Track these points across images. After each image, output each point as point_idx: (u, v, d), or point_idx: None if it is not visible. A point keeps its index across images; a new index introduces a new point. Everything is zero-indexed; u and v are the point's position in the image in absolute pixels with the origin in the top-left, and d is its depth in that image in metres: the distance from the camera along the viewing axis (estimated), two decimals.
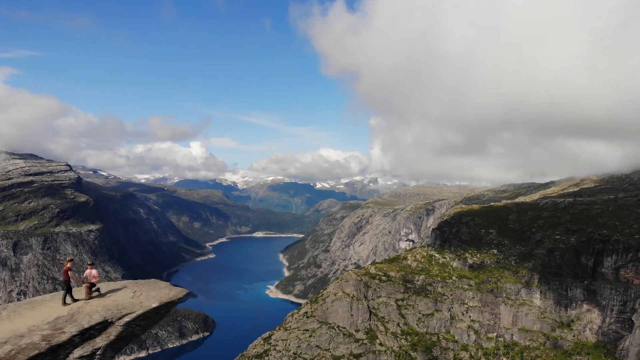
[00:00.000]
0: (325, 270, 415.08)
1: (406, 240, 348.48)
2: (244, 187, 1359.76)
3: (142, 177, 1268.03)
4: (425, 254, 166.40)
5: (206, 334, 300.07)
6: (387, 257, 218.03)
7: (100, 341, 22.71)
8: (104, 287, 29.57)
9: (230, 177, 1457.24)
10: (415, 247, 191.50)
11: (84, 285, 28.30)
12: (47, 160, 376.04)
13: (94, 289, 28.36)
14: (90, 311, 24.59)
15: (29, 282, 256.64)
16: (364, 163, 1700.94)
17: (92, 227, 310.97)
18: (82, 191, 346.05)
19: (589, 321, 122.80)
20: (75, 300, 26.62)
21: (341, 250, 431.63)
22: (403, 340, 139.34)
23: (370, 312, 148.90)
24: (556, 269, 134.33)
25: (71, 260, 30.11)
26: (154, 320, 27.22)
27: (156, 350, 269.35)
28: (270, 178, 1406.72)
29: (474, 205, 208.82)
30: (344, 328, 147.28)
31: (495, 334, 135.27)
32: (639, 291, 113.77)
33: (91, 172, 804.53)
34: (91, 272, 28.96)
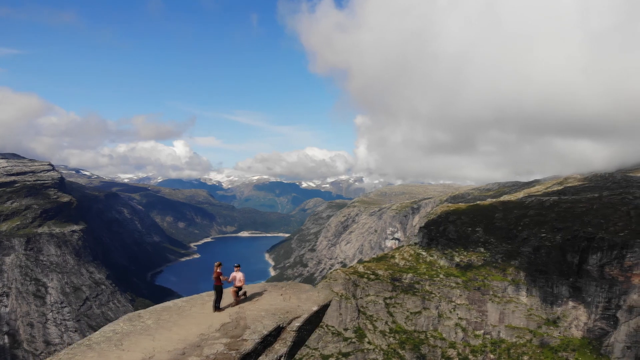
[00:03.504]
0: (312, 269, 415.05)
1: (392, 239, 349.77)
2: (229, 186, 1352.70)
3: (126, 177, 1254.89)
4: (412, 252, 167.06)
5: None
6: (373, 256, 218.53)
7: (279, 348, 22.19)
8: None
9: (215, 177, 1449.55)
10: (403, 246, 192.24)
11: (231, 289, 27.79)
12: (30, 159, 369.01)
13: (240, 292, 27.91)
14: (256, 316, 24.21)
15: (12, 284, 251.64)
16: (350, 162, 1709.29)
17: (76, 227, 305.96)
18: (65, 191, 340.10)
19: (575, 318, 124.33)
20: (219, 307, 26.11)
21: (327, 249, 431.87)
22: (391, 339, 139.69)
23: (359, 310, 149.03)
24: (542, 266, 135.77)
25: (220, 264, 29.12)
26: (316, 324, 26.86)
27: None
28: (256, 177, 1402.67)
29: (460, 204, 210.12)
30: (333, 327, 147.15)
31: (482, 331, 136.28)
32: (624, 288, 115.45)
33: (74, 171, 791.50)
34: (237, 275, 28.33)
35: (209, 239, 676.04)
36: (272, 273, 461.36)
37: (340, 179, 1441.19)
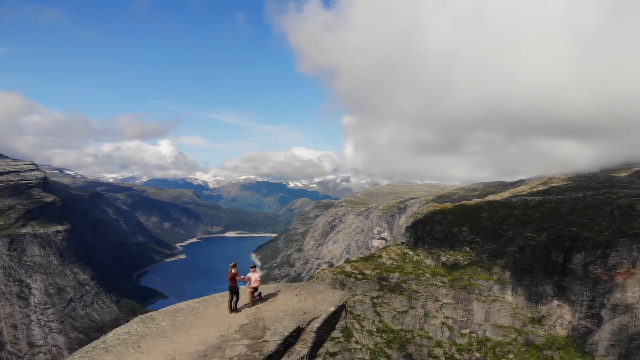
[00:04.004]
0: (299, 269, 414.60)
1: (379, 239, 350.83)
2: (215, 186, 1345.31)
3: (110, 177, 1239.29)
4: (399, 251, 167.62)
5: None
6: (360, 256, 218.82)
7: (300, 349, 22.07)
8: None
9: (201, 176, 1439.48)
10: (390, 245, 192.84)
11: (247, 290, 27.57)
12: (13, 159, 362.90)
13: (255, 293, 27.78)
14: (274, 317, 24.11)
15: None
16: (337, 162, 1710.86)
17: (60, 227, 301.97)
18: (48, 191, 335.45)
19: (560, 316, 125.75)
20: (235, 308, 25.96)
21: (315, 249, 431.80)
22: (378, 338, 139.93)
23: (346, 310, 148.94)
24: (527, 265, 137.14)
25: (235, 265, 28.92)
26: (333, 325, 26.88)
27: None
28: (243, 177, 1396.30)
29: (446, 203, 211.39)
30: None
31: (468, 330, 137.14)
32: (608, 287, 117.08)
33: (58, 171, 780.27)
34: (253, 276, 28.18)
35: (194, 239, 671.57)
36: (259, 273, 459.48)
37: (327, 179, 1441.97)
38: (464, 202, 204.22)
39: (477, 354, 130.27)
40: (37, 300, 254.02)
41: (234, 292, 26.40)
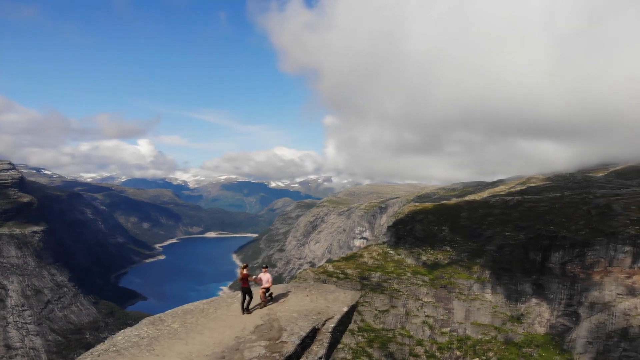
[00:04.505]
0: (280, 269, 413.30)
1: (360, 238, 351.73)
2: (196, 186, 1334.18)
3: (88, 176, 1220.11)
4: (381, 251, 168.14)
5: None
6: (342, 255, 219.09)
7: (318, 349, 21.95)
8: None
9: (180, 176, 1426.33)
10: (371, 245, 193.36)
11: (260, 290, 27.32)
12: None
13: (267, 294, 27.57)
14: (288, 318, 24.05)
15: None
16: (319, 162, 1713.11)
17: (37, 228, 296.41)
18: (25, 191, 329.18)
19: (538, 314, 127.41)
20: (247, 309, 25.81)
21: (296, 249, 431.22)
22: (360, 337, 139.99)
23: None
24: (506, 264, 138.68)
25: (247, 266, 28.55)
26: (346, 325, 26.84)
27: None
28: (224, 177, 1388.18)
29: (426, 203, 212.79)
30: None
31: (449, 328, 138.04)
32: (585, 285, 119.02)
33: (34, 170, 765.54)
34: (265, 276, 27.84)
35: (174, 240, 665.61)
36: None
37: (309, 178, 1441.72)
38: (444, 201, 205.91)
39: (458, 352, 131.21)
40: (14, 302, 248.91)
41: (247, 293, 26.21)
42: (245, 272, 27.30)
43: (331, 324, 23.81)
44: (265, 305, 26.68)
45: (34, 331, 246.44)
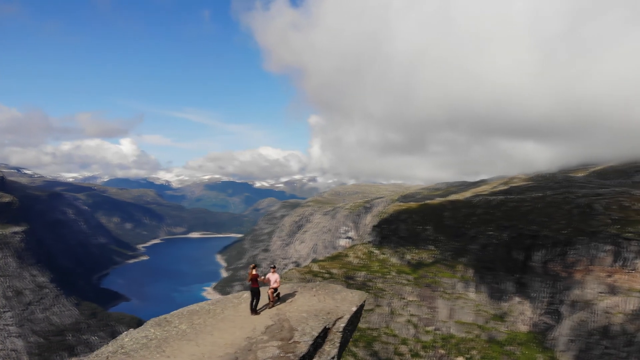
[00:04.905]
0: (265, 270, 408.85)
1: (345, 238, 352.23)
2: (179, 186, 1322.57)
3: (70, 176, 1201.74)
4: (366, 250, 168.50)
5: None
6: (327, 255, 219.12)
7: (330, 349, 21.86)
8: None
9: (163, 176, 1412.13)
10: (356, 244, 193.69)
11: (268, 290, 27.11)
12: None
13: (275, 294, 27.37)
14: (298, 318, 23.94)
15: None
16: (304, 162, 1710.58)
17: (17, 228, 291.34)
18: (5, 191, 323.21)
19: (521, 313, 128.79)
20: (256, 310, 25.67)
21: (281, 249, 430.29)
22: None
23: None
24: (489, 263, 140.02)
25: (255, 266, 28.12)
26: (355, 325, 26.79)
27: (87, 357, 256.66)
28: (207, 177, 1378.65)
29: (411, 203, 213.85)
30: None
31: (433, 327, 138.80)
32: (567, 284, 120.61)
33: (15, 170, 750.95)
34: (274, 277, 27.58)
35: (157, 240, 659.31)
36: (224, 274, 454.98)
37: (294, 178, 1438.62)
38: (427, 201, 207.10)
39: (441, 351, 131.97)
40: None
41: (256, 294, 26.06)
42: (254, 272, 27.12)
43: (342, 324, 23.84)
44: (273, 306, 26.63)
45: (15, 333, 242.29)
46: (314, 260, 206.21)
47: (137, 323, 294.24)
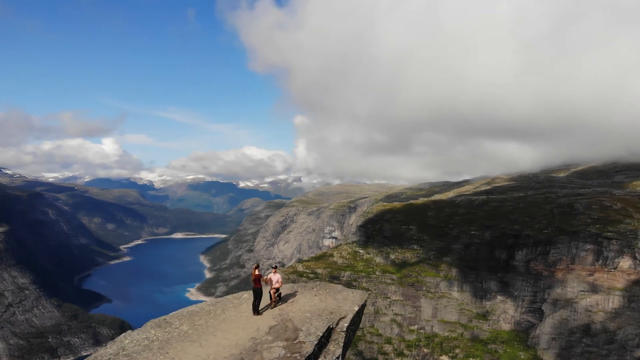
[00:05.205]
0: (249, 270, 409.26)
1: (330, 238, 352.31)
2: (162, 186, 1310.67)
3: (51, 176, 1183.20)
4: (350, 250, 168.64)
5: None
6: (311, 255, 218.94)
7: (334, 349, 21.79)
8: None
9: (146, 176, 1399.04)
10: (341, 244, 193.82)
11: (271, 290, 26.90)
12: None
13: (276, 294, 27.23)
14: (302, 318, 23.89)
15: None
16: (289, 162, 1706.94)
17: None
18: None
19: (503, 311, 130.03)
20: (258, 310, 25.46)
21: (265, 249, 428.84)
22: None
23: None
24: (472, 262, 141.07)
25: (258, 266, 27.84)
26: (358, 324, 26.71)
27: (69, 359, 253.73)
28: (191, 177, 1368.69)
29: (395, 203, 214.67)
30: None
31: (417, 326, 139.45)
32: (548, 282, 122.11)
33: None
34: (276, 277, 27.29)
35: (140, 241, 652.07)
36: (208, 275, 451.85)
37: (278, 178, 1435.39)
38: (411, 201, 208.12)
39: (425, 350, 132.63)
40: None
41: (258, 294, 25.80)
42: (257, 272, 26.95)
43: (345, 324, 23.90)
44: (275, 306, 26.54)
45: None
46: (299, 261, 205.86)
47: (120, 325, 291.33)
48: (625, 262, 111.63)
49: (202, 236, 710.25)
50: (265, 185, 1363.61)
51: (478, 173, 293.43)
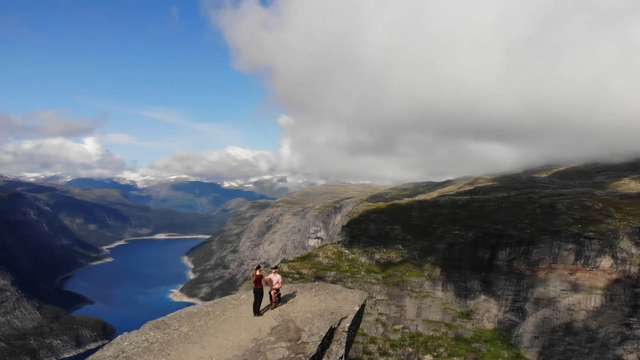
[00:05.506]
0: (234, 271, 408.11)
1: (315, 238, 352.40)
2: (145, 186, 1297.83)
3: (32, 176, 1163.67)
4: (335, 250, 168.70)
5: (105, 341, 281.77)
6: (296, 255, 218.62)
7: (337, 349, 21.70)
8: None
9: (128, 176, 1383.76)
10: (326, 244, 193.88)
11: (271, 291, 26.70)
12: None
13: (276, 294, 27.05)
14: (303, 319, 23.78)
15: None
16: (274, 162, 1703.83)
17: None
18: None
19: (486, 310, 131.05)
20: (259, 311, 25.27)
21: (250, 250, 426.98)
22: None
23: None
24: (456, 262, 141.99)
25: (259, 267, 27.56)
26: (358, 324, 26.76)
27: None
28: (174, 177, 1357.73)
29: (379, 203, 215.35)
30: None
31: (401, 325, 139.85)
32: (530, 282, 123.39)
33: None
34: (276, 277, 27.13)
35: (122, 242, 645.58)
36: (192, 276, 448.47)
37: (263, 178, 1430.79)
38: (396, 201, 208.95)
39: (410, 349, 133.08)
40: None
41: (260, 295, 25.60)
42: (258, 273, 26.76)
43: (346, 324, 23.89)
44: (275, 306, 26.39)
45: None
46: (284, 261, 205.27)
47: (102, 326, 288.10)
48: (606, 262, 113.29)
49: (185, 237, 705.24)
50: (250, 185, 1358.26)
51: (461, 173, 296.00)
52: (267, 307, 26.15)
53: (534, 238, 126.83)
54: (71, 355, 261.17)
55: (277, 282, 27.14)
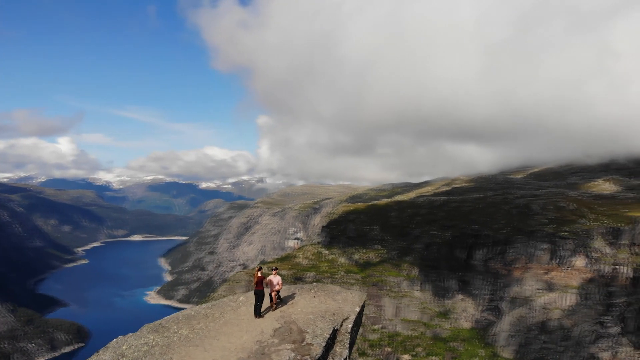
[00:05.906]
0: (211, 272, 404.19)
1: (294, 239, 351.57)
2: (120, 187, 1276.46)
3: (4, 176, 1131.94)
4: (315, 251, 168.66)
5: (80, 344, 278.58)
6: (275, 257, 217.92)
7: (341, 350, 21.63)
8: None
9: (104, 176, 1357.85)
10: (305, 245, 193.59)
11: (272, 292, 26.24)
12: None
13: (276, 296, 26.73)
14: (305, 320, 23.60)
15: None
16: (252, 162, 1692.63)
17: None
18: None
19: (463, 310, 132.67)
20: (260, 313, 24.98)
21: (228, 251, 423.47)
22: None
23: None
24: (433, 262, 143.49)
25: (261, 269, 27.03)
26: (359, 325, 26.58)
27: None
28: (150, 177, 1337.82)
29: (358, 203, 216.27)
30: None
31: (379, 325, 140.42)
32: (506, 281, 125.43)
33: None
34: (276, 279, 26.65)
35: (97, 244, 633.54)
36: (168, 278, 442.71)
37: (242, 179, 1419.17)
38: (374, 202, 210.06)
39: (388, 349, 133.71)
40: None
41: (261, 296, 25.28)
42: (259, 274, 26.41)
43: (348, 324, 23.90)
44: (276, 308, 26.13)
45: None
46: (263, 262, 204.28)
47: (77, 329, 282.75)
48: (579, 261, 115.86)
49: (162, 238, 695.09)
50: (228, 186, 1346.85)
51: (439, 174, 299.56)
52: (268, 309, 25.95)
53: (510, 238, 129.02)
54: (45, 359, 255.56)
55: (278, 284, 26.95)
